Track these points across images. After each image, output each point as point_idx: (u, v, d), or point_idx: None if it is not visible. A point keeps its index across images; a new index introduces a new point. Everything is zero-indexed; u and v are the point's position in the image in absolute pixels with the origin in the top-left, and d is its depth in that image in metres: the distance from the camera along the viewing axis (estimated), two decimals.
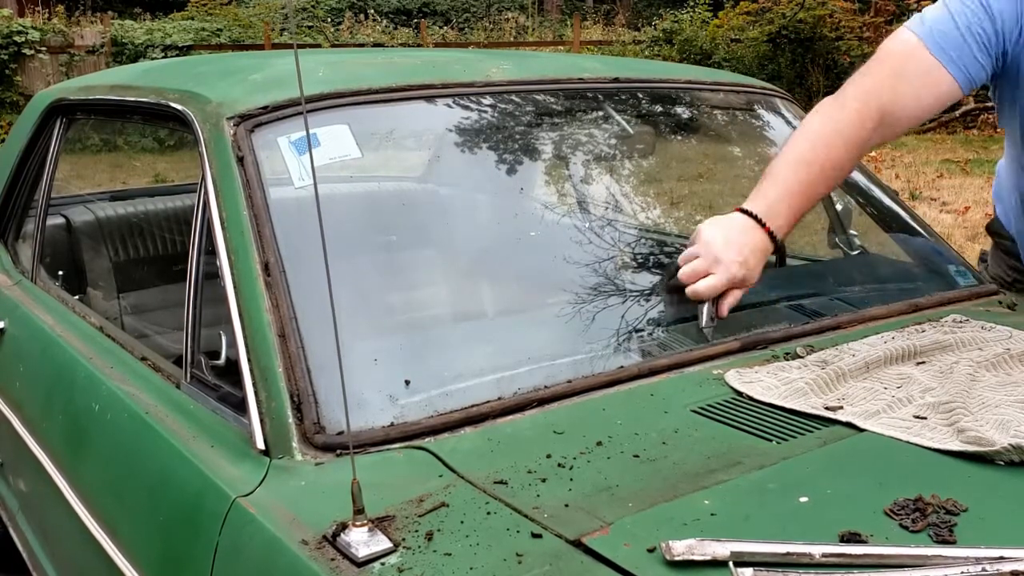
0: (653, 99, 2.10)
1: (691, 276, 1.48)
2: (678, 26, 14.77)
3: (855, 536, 0.98)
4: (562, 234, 1.79)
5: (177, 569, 1.30)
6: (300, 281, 1.37)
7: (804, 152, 1.57)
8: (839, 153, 1.58)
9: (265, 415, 1.27)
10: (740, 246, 1.48)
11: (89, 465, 1.67)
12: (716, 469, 1.14)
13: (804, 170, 1.55)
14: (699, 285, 1.46)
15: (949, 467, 1.14)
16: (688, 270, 1.48)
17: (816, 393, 1.35)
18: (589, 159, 2.04)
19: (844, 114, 1.61)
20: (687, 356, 1.49)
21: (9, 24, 13.19)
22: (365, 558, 0.99)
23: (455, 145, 1.78)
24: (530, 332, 1.59)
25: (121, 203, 3.07)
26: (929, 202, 7.57)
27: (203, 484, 1.27)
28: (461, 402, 1.32)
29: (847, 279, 1.93)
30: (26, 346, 2.12)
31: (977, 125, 12.45)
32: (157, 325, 2.58)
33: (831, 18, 14.05)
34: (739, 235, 1.49)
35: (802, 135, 1.61)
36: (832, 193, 2.11)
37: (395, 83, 1.72)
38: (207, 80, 1.81)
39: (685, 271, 1.49)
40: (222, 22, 15.60)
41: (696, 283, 1.47)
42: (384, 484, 1.13)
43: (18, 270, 2.43)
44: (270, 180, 1.49)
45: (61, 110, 2.41)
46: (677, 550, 0.94)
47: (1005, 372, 1.42)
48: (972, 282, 1.92)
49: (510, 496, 1.10)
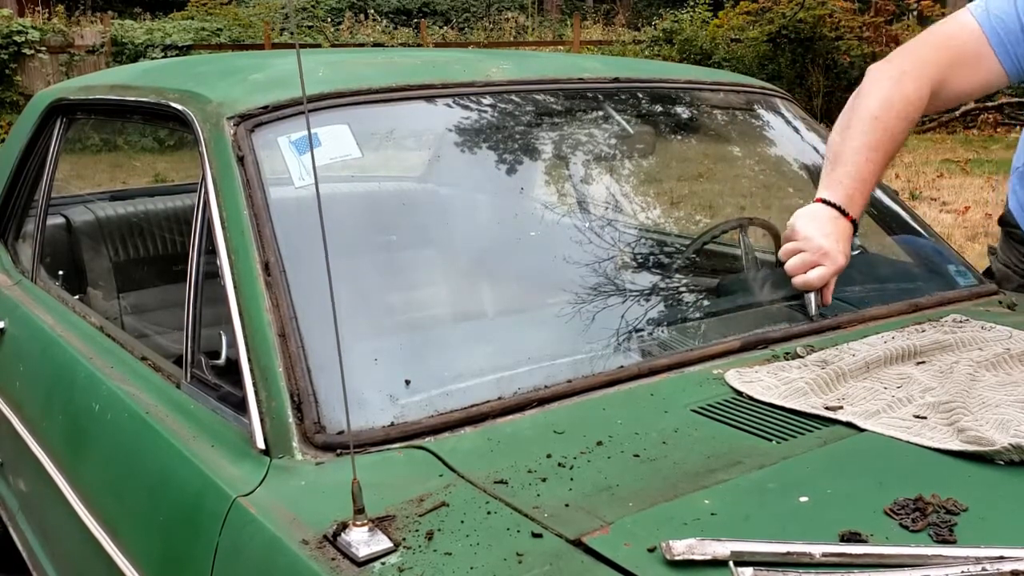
0: (653, 99, 2.10)
1: (801, 267, 1.58)
2: (678, 26, 14.77)
3: (855, 536, 0.98)
4: (562, 234, 1.79)
5: (177, 569, 1.30)
6: (300, 281, 1.37)
7: (871, 140, 1.64)
8: (900, 134, 1.68)
9: (265, 415, 1.27)
10: (836, 236, 1.58)
11: (89, 465, 1.67)
12: (716, 469, 1.14)
13: (873, 156, 1.64)
14: (811, 275, 1.57)
15: (949, 467, 1.14)
16: (797, 262, 1.58)
17: (816, 393, 1.35)
18: (589, 159, 2.04)
19: (904, 93, 1.68)
20: (687, 356, 1.49)
21: (9, 24, 13.19)
22: (365, 558, 1.00)
23: (455, 145, 1.78)
24: (530, 332, 1.59)
25: (121, 203, 3.07)
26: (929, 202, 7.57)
27: (203, 484, 1.27)
28: (461, 402, 1.32)
29: (847, 279, 1.93)
30: (26, 346, 2.12)
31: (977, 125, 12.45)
32: (157, 325, 2.58)
33: (831, 18, 14.05)
34: (832, 227, 1.59)
35: (868, 117, 1.66)
36: None
37: (395, 83, 1.72)
38: (207, 80, 1.81)
39: (794, 263, 1.59)
40: (222, 22, 15.60)
41: (806, 274, 1.58)
42: (384, 484, 1.13)
43: (18, 270, 2.43)
44: (270, 180, 1.49)
45: (61, 110, 2.41)
46: (677, 550, 0.94)
47: (1005, 372, 1.42)
48: (972, 282, 1.92)
49: (510, 496, 1.10)
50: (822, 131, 2.29)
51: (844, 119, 1.71)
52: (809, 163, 2.21)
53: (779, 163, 2.38)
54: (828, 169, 1.65)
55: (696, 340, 1.58)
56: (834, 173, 1.63)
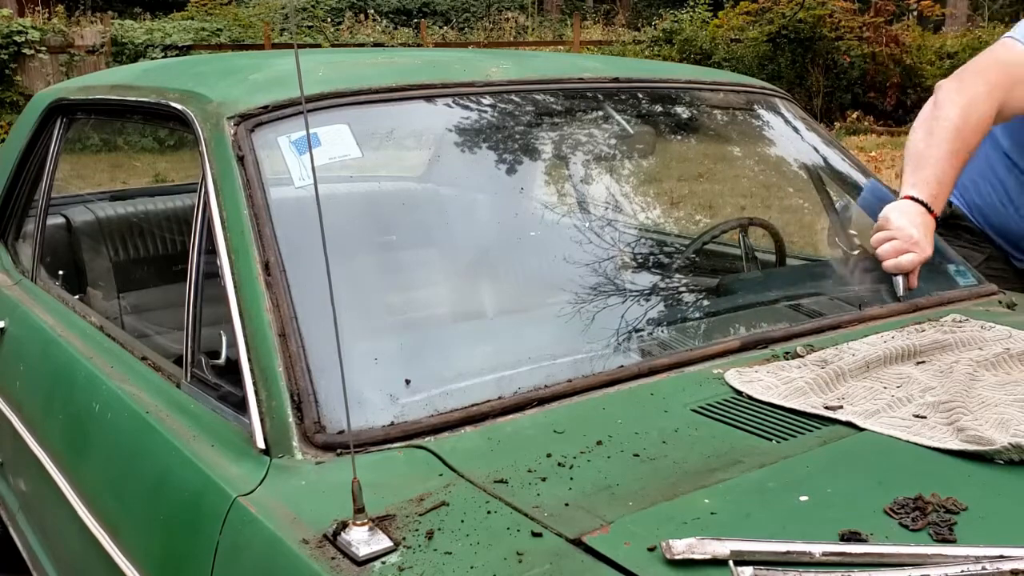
0: (653, 99, 2.09)
1: (893, 253, 1.78)
2: (678, 26, 14.78)
3: (855, 535, 0.98)
4: (562, 234, 1.79)
5: (177, 568, 1.30)
6: (300, 280, 1.37)
7: (952, 148, 1.87)
8: (974, 146, 1.92)
9: (265, 414, 1.27)
10: (925, 229, 1.79)
11: (89, 465, 1.67)
12: (716, 468, 1.15)
13: (954, 162, 1.87)
14: (902, 260, 1.77)
15: (949, 466, 1.14)
16: (890, 248, 1.78)
17: (816, 392, 1.35)
18: (589, 159, 2.04)
19: (980, 110, 1.92)
20: (687, 355, 1.49)
21: (9, 24, 13.20)
22: (366, 557, 1.00)
23: (455, 145, 1.78)
24: (530, 331, 1.59)
25: (121, 203, 3.07)
26: None
27: (203, 483, 1.27)
28: (461, 401, 1.32)
29: (847, 279, 1.93)
30: (26, 346, 2.12)
31: None
32: (157, 325, 2.58)
33: (831, 18, 14.05)
34: (920, 220, 1.79)
35: (951, 127, 1.89)
36: (832, 193, 2.13)
37: (395, 83, 1.72)
38: (207, 80, 1.81)
39: (887, 249, 1.78)
40: (222, 22, 15.59)
41: (898, 258, 1.77)
42: (384, 483, 1.13)
43: (18, 270, 2.43)
44: (270, 180, 1.49)
45: (61, 110, 2.41)
46: (677, 549, 0.94)
47: (1004, 371, 1.42)
48: (972, 282, 1.93)
49: (510, 495, 1.10)
50: (822, 131, 2.29)
51: (924, 127, 1.93)
52: (809, 163, 2.22)
53: (779, 163, 2.38)
54: (912, 169, 1.87)
55: (696, 340, 1.59)
56: (920, 174, 1.85)
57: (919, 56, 14.31)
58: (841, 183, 2.18)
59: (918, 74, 14.06)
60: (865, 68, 14.11)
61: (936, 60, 14.28)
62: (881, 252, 1.79)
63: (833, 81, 14.07)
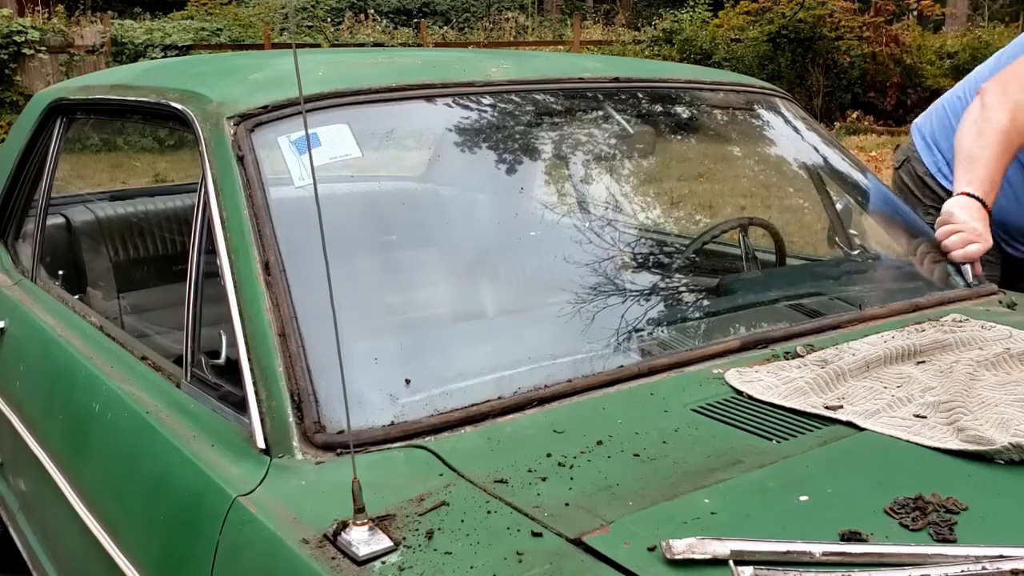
0: (653, 99, 2.09)
1: (960, 243, 1.94)
2: (678, 26, 14.77)
3: (855, 535, 0.98)
4: (562, 234, 1.79)
5: (178, 568, 1.30)
6: (300, 280, 1.37)
7: (1001, 148, 2.07)
8: (1019, 145, 2.11)
9: (265, 414, 1.27)
10: (984, 222, 1.97)
11: (89, 465, 1.67)
12: (716, 468, 1.14)
13: (1003, 161, 2.07)
14: (970, 249, 1.94)
15: (949, 466, 1.14)
16: (957, 239, 1.94)
17: (816, 392, 1.35)
18: (589, 159, 2.04)
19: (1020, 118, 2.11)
20: (687, 355, 1.49)
21: (9, 24, 13.19)
22: (366, 557, 1.00)
23: (455, 145, 1.78)
24: (530, 331, 1.59)
25: (121, 203, 3.07)
26: None
27: (203, 483, 1.27)
28: (461, 401, 1.32)
29: (847, 279, 1.93)
30: (26, 346, 2.12)
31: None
32: (157, 325, 2.58)
33: (831, 18, 14.05)
34: (979, 214, 1.97)
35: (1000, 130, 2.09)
36: (832, 193, 2.13)
37: (395, 83, 1.72)
38: (207, 80, 1.81)
39: (954, 240, 1.94)
40: (222, 22, 15.58)
41: (965, 248, 1.93)
42: (384, 483, 1.13)
43: (18, 270, 2.43)
44: (270, 180, 1.49)
45: (61, 110, 2.41)
46: (677, 549, 0.94)
47: (1005, 371, 1.42)
48: (972, 282, 1.93)
49: (510, 495, 1.10)
50: (822, 131, 2.29)
51: (974, 127, 2.12)
52: (809, 163, 2.22)
53: (779, 163, 2.38)
54: (965, 168, 2.06)
55: (696, 340, 1.59)
56: (974, 172, 2.04)
57: (919, 56, 14.31)
58: (841, 183, 2.18)
59: (918, 74, 14.05)
60: (865, 68, 14.11)
61: (936, 60, 14.27)
62: (948, 243, 1.95)
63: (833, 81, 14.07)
